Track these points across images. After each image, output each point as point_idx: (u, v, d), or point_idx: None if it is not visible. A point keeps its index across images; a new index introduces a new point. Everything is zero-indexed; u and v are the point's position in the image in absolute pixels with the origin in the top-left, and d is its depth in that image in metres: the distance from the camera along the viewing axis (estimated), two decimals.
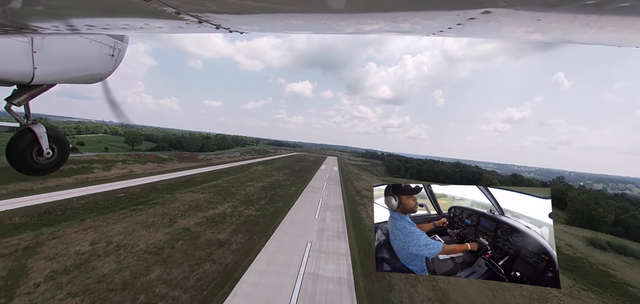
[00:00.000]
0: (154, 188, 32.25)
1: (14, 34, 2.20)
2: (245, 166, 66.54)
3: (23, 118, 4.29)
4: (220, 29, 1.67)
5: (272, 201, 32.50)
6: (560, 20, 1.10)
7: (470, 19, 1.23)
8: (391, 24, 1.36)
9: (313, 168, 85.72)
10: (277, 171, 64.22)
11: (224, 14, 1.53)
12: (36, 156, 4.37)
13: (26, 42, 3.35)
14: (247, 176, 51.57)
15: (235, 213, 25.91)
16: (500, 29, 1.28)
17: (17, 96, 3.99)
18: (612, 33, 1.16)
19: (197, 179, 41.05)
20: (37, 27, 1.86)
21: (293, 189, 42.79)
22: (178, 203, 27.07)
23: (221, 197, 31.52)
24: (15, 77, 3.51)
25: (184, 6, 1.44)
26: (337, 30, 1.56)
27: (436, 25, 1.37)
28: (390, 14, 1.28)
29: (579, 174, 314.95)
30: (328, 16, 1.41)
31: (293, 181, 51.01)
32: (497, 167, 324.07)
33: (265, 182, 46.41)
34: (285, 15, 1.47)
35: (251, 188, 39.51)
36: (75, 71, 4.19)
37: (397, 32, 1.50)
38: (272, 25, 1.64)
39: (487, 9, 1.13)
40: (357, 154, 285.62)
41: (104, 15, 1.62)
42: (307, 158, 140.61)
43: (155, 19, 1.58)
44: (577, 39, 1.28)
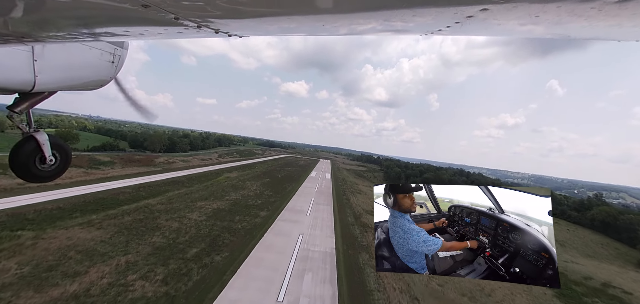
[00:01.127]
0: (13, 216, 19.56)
1: (15, 43, 2.19)
2: (214, 174, 53.48)
3: (25, 126, 4.30)
4: (219, 34, 1.67)
5: (214, 247, 19.19)
6: (559, 14, 1.11)
7: (469, 16, 1.24)
8: (388, 23, 1.37)
9: (301, 175, 71.15)
10: (253, 181, 50.86)
11: (223, 18, 1.53)
12: (39, 164, 4.39)
13: (27, 51, 3.36)
14: (207, 190, 38.20)
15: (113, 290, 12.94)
16: (498, 25, 1.29)
17: (18, 104, 4.00)
18: (612, 27, 1.17)
19: (120, 197, 28.66)
20: (38, 36, 1.85)
21: (262, 214, 29.27)
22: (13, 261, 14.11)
23: (123, 239, 18.57)
24: (16, 85, 3.52)
25: (183, 12, 1.44)
26: (333, 31, 1.57)
27: (434, 24, 1.38)
28: (387, 12, 1.29)
29: (572, 181, 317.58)
30: (324, 17, 1.42)
31: (267, 199, 37.12)
32: (491, 173, 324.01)
33: (226, 201, 33.27)
34: (283, 18, 1.48)
35: (196, 214, 26.43)
36: (76, 78, 4.20)
37: (395, 32, 1.51)
38: (269, 29, 1.65)
39: (485, 6, 1.14)
40: (351, 157, 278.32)
41: (103, 22, 1.62)
42: (296, 161, 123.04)
43: (154, 25, 1.58)
44: (576, 34, 1.30)
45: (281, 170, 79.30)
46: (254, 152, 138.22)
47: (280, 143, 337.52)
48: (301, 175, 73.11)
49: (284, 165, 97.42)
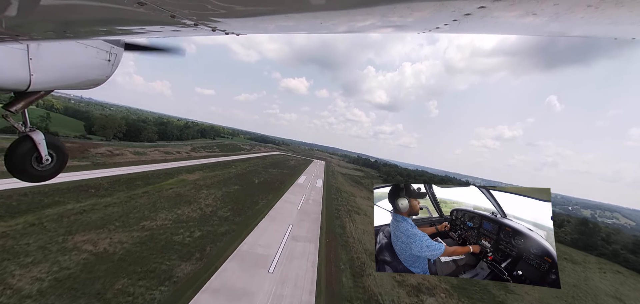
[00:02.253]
0: None
1: (10, 42, 2.20)
2: (165, 174, 40.34)
3: (21, 126, 4.30)
4: (216, 32, 1.67)
5: None
6: (556, 12, 1.10)
7: (466, 14, 1.23)
8: (386, 19, 1.36)
9: (285, 182, 57.82)
10: (215, 189, 38.03)
11: (220, 17, 1.53)
12: (35, 163, 4.38)
13: (22, 50, 3.35)
14: (127, 205, 26.00)
15: None
16: (496, 23, 1.28)
17: (14, 103, 3.99)
18: (609, 24, 1.16)
19: None
20: (33, 35, 1.86)
21: (181, 271, 16.83)
22: None
23: None
24: (11, 84, 3.51)
25: (179, 10, 1.43)
26: (332, 29, 1.57)
27: (432, 21, 1.37)
28: (384, 8, 1.28)
29: (565, 197, 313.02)
30: (322, 15, 1.41)
31: (215, 228, 24.10)
32: (486, 184, 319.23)
33: (133, 234, 20.25)
34: (280, 16, 1.47)
35: (28, 280, 13.85)
36: (71, 77, 4.19)
37: (392, 28, 1.49)
38: (267, 27, 1.64)
39: (482, 4, 1.13)
40: (348, 159, 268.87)
41: (99, 21, 1.62)
42: (286, 161, 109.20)
43: (150, 23, 1.58)
44: (573, 32, 1.28)
45: (263, 172, 65.15)
46: (240, 147, 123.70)
47: (274, 139, 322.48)
48: (286, 180, 59.82)
49: (269, 165, 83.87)
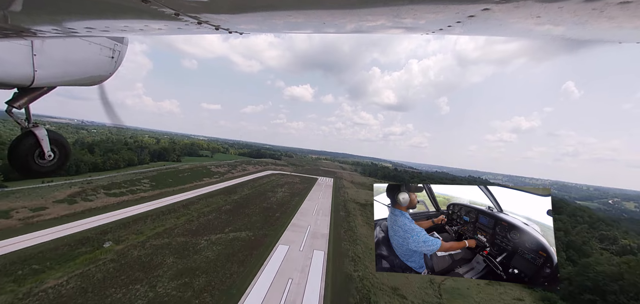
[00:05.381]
0: None
1: (14, 38, 2.19)
2: None
3: (24, 121, 4.29)
4: (219, 30, 1.66)
5: None
6: (560, 15, 1.11)
7: (470, 16, 1.24)
8: (391, 20, 1.36)
9: (232, 277, 21.39)
10: None
11: (223, 14, 1.53)
12: (38, 159, 4.38)
13: (26, 46, 3.35)
14: None
15: None
16: (500, 25, 1.29)
17: (17, 99, 3.99)
18: (613, 28, 1.17)
19: None
20: (37, 30, 1.85)
21: None
22: None
23: None
24: (15, 80, 3.51)
25: (183, 7, 1.43)
26: (338, 28, 1.57)
27: (435, 23, 1.37)
28: (390, 9, 1.28)
29: (599, 189, 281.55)
30: (328, 13, 1.41)
31: None
32: (507, 179, 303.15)
33: None
34: (285, 13, 1.47)
35: None
36: (75, 73, 4.19)
37: (398, 29, 1.50)
38: (271, 25, 1.64)
39: (486, 6, 1.14)
40: (360, 166, 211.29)
41: (103, 17, 1.61)
42: (273, 189, 63.43)
43: (154, 20, 1.57)
44: (577, 35, 1.29)
45: (186, 247, 26.06)
46: (205, 173, 70.17)
47: (280, 149, 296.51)
48: (233, 274, 21.90)
49: (230, 210, 41.62)
